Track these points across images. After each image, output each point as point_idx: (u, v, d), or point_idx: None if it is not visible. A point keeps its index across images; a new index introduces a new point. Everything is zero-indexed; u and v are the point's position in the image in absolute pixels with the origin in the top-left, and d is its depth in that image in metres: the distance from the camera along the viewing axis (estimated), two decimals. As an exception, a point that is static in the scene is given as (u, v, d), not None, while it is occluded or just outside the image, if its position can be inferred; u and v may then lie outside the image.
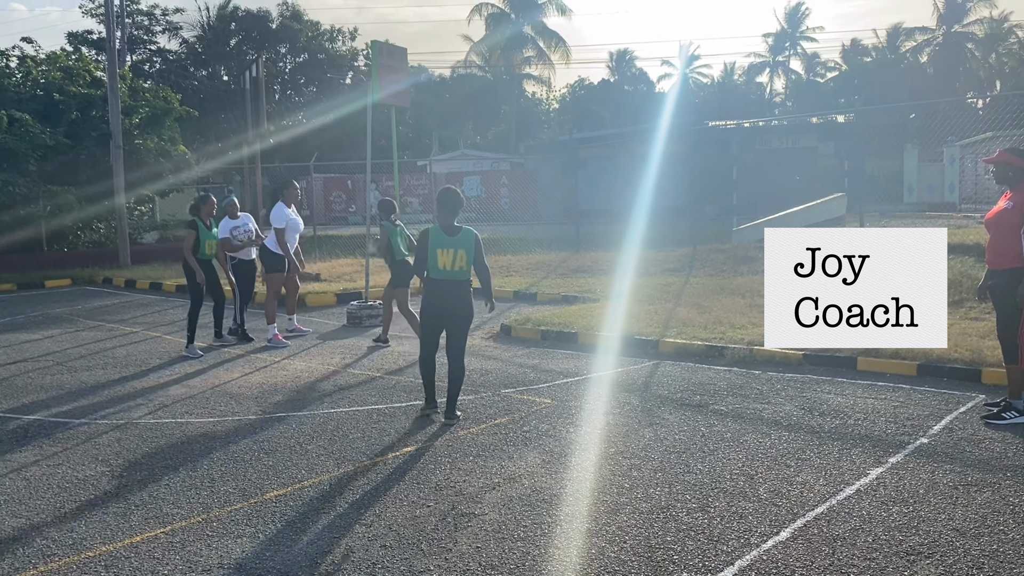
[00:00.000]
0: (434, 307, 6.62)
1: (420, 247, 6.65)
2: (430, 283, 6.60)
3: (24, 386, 8.23)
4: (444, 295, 6.56)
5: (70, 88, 20.66)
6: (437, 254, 6.53)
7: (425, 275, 6.66)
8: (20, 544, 4.44)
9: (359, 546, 4.31)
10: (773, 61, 65.98)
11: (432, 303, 6.61)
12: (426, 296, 6.65)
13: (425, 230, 6.69)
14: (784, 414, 6.55)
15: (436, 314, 6.63)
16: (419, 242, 6.67)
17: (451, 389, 6.65)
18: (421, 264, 6.63)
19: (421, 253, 6.62)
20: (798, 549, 4.15)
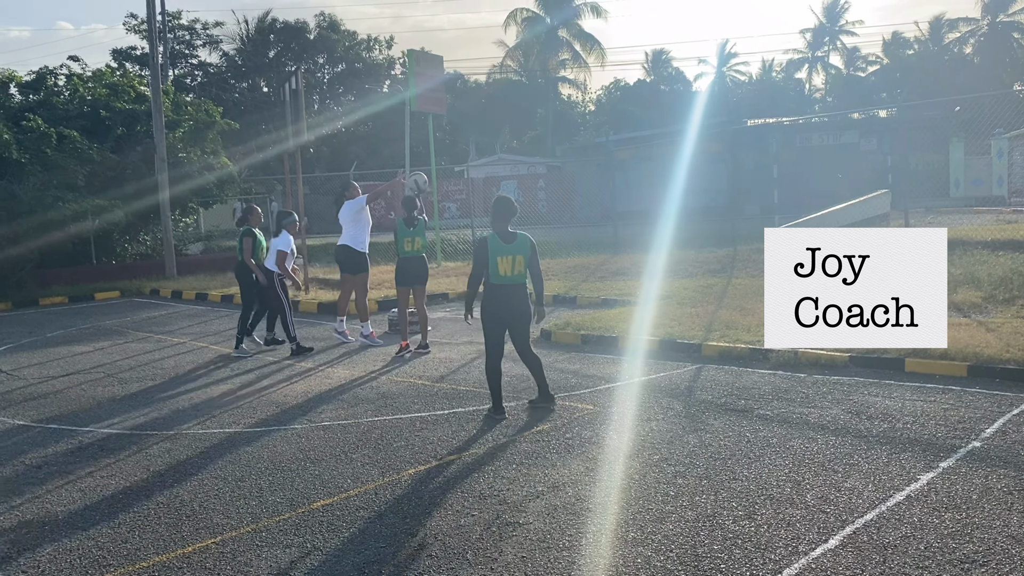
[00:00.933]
0: (498, 312, 6.89)
1: (479, 256, 6.85)
2: (492, 289, 6.85)
3: (77, 398, 8.44)
4: (506, 300, 6.87)
5: (116, 104, 21.15)
6: (497, 262, 6.77)
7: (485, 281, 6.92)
8: (76, 555, 4.55)
9: (405, 556, 4.34)
10: (812, 57, 65.09)
11: (495, 309, 6.89)
12: (488, 302, 6.89)
13: (483, 239, 6.90)
14: (831, 418, 6.46)
15: (499, 319, 6.91)
16: (478, 251, 6.87)
17: (538, 378, 7.04)
18: (481, 272, 6.84)
19: (481, 262, 6.83)
20: (848, 557, 4.09)
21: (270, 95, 44.93)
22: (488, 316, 6.93)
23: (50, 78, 22.00)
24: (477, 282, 6.95)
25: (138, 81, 23.45)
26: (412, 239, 10.05)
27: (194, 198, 22.82)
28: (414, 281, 10.16)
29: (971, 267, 12.22)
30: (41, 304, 17.29)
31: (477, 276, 6.91)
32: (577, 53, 55.82)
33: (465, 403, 7.44)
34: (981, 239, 14.50)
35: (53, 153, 18.57)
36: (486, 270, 6.82)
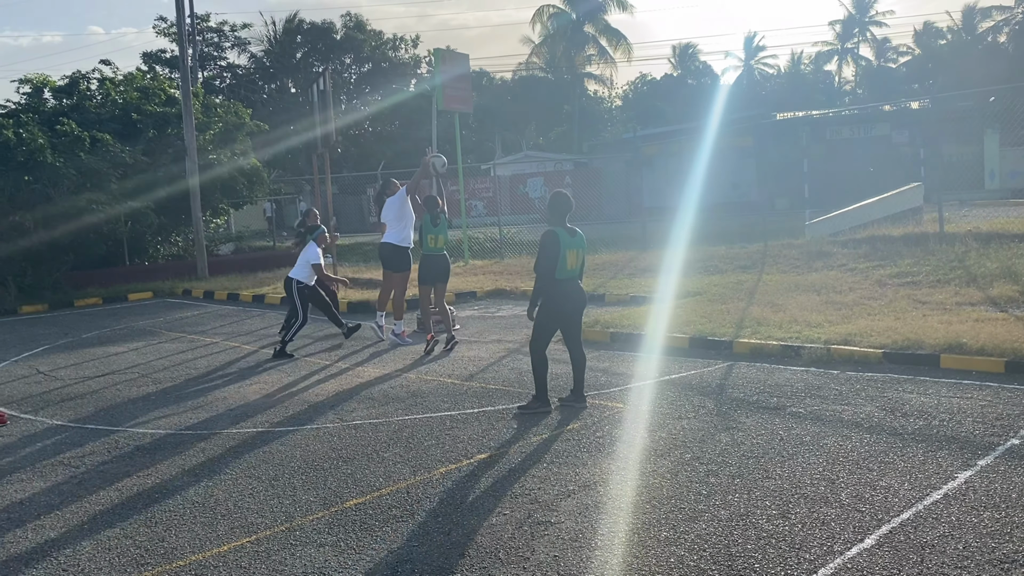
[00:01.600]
0: (563, 308, 6.91)
1: (552, 250, 6.75)
2: (559, 284, 6.81)
3: (113, 398, 8.57)
4: (572, 295, 6.93)
5: (147, 107, 21.42)
6: (567, 255, 6.78)
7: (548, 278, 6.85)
8: (116, 554, 4.62)
9: (438, 554, 4.36)
10: (841, 48, 64.38)
11: (562, 304, 6.89)
12: (555, 297, 6.85)
13: (552, 232, 6.82)
14: (865, 415, 6.38)
15: (564, 314, 6.94)
16: (550, 245, 6.76)
17: (580, 375, 7.09)
18: (553, 266, 6.75)
19: (552, 256, 6.75)
20: (884, 557, 4.04)
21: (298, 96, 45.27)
22: (553, 311, 6.89)
23: (82, 82, 22.32)
24: (551, 277, 6.80)
25: (168, 84, 23.74)
26: (436, 236, 10.14)
27: (224, 199, 23.07)
28: (437, 279, 10.23)
29: (1008, 261, 12.01)
30: (76, 305, 17.57)
31: (551, 270, 6.79)
32: (603, 48, 55.59)
33: (495, 402, 7.45)
34: (1018, 232, 14.25)
35: (86, 156, 18.85)
36: (556, 264, 6.75)
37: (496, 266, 18.22)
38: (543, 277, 6.84)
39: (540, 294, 6.91)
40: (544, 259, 6.79)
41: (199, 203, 20.66)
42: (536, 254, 6.96)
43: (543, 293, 6.89)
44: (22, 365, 10.81)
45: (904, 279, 11.96)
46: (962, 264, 12.23)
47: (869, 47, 64.37)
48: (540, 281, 6.88)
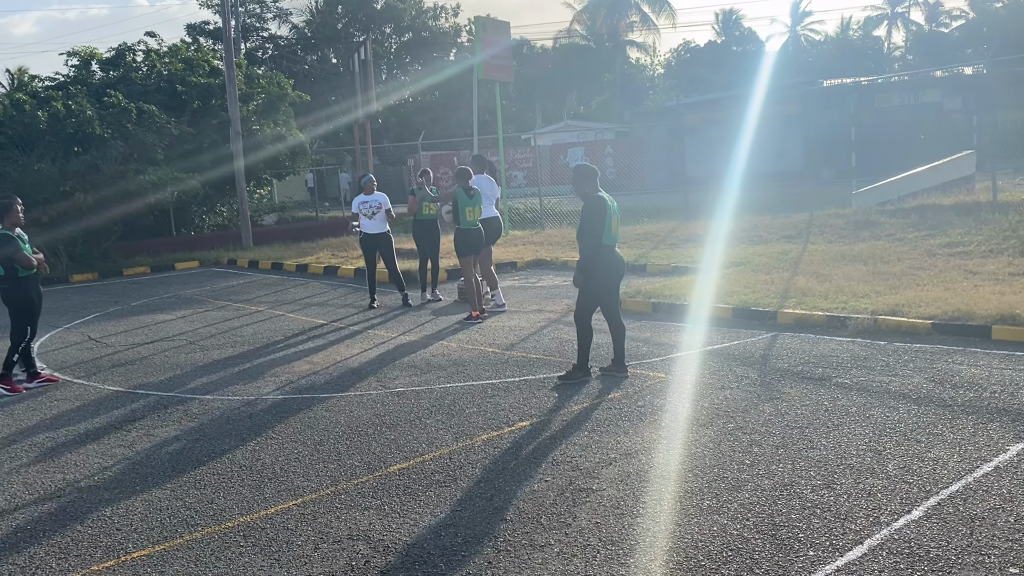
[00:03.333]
0: (611, 274, 6.91)
1: (599, 215, 6.72)
2: (606, 251, 6.80)
3: (162, 364, 8.76)
4: (617, 260, 6.99)
5: (191, 79, 21.61)
6: (612, 221, 6.81)
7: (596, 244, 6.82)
8: (167, 514, 4.74)
9: (481, 519, 4.40)
10: (892, 13, 62.52)
11: (611, 270, 6.90)
12: (603, 264, 6.82)
13: (600, 198, 6.80)
14: (913, 386, 6.27)
15: (611, 280, 6.96)
16: (598, 210, 6.73)
17: (621, 345, 7.06)
18: (600, 232, 6.72)
19: (599, 222, 6.71)
20: (932, 529, 3.99)
21: (339, 66, 45.36)
22: (601, 278, 6.86)
23: (128, 54, 22.58)
24: (599, 242, 6.74)
25: (212, 55, 23.90)
26: (473, 208, 10.18)
27: (267, 170, 23.26)
28: (473, 250, 10.25)
29: (1064, 230, 11.66)
30: (125, 274, 17.94)
31: (599, 235, 6.72)
32: (646, 15, 54.78)
33: (536, 371, 7.46)
34: (1075, 201, 13.81)
35: (133, 127, 19.11)
36: (604, 230, 6.73)
37: (536, 236, 18.18)
38: (593, 243, 6.76)
39: (590, 260, 6.82)
40: (594, 224, 6.75)
41: (243, 174, 20.88)
42: (578, 223, 6.94)
43: (593, 259, 6.81)
44: (74, 332, 11.08)
45: (955, 249, 11.68)
46: (1016, 234, 11.90)
47: (920, 11, 62.45)
48: (589, 247, 6.79)
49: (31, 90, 20.61)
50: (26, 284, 7.87)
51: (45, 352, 9.75)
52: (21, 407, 7.36)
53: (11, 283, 7.82)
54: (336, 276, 15.31)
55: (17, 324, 7.90)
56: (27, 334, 7.93)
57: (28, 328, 7.93)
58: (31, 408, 7.30)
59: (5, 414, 7.16)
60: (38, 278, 8.06)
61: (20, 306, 7.86)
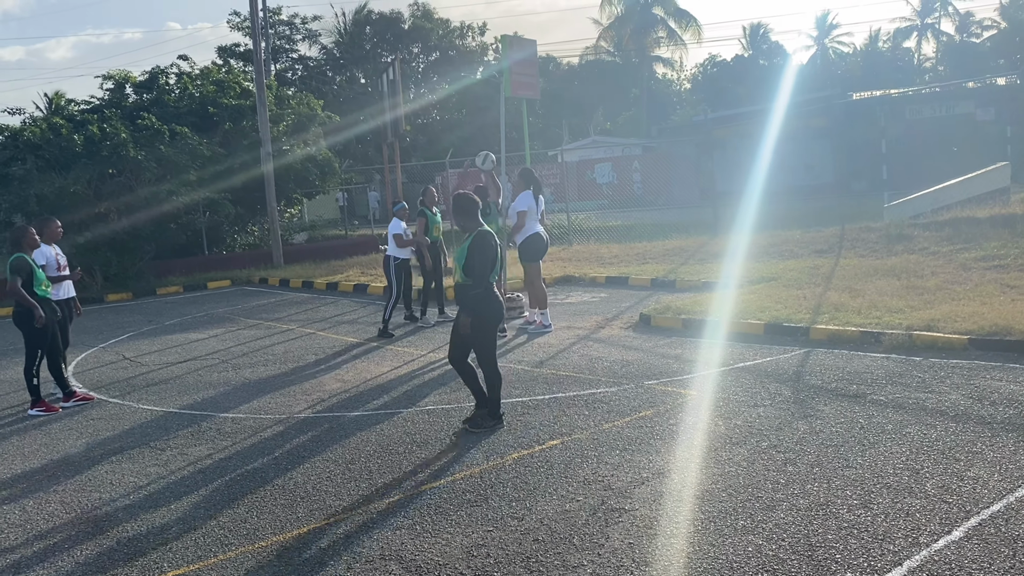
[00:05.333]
0: (499, 313, 6.39)
1: (492, 252, 6.24)
2: (490, 288, 6.25)
3: (195, 383, 8.85)
4: (499, 299, 6.41)
5: (222, 101, 21.96)
6: (498, 260, 6.38)
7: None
8: (201, 533, 4.78)
9: (512, 539, 4.38)
10: (921, 24, 61.98)
11: (499, 309, 6.36)
12: (492, 303, 6.26)
13: (488, 233, 6.31)
14: (950, 403, 6.16)
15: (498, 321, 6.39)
16: (489, 246, 6.23)
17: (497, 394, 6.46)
18: (488, 270, 6.23)
19: (492, 258, 6.25)
20: (973, 550, 3.90)
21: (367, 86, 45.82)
22: (494, 318, 6.30)
23: (161, 77, 23.01)
24: (487, 280, 6.22)
25: (242, 77, 24.30)
26: (490, 225, 10.20)
27: (298, 189, 23.54)
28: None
29: (1103, 242, 11.44)
30: (158, 293, 18.18)
31: (487, 273, 6.21)
32: (672, 30, 54.77)
33: (565, 388, 7.44)
34: (1114, 212, 13.54)
35: (166, 149, 19.44)
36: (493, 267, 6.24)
37: (564, 253, 18.17)
38: (480, 280, 6.17)
39: (480, 300, 6.18)
40: (484, 261, 6.17)
41: (274, 193, 21.13)
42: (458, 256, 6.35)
43: (482, 299, 6.20)
44: (109, 351, 11.24)
45: (990, 263, 11.49)
46: (1054, 246, 11.69)
47: (951, 22, 61.85)
48: (479, 286, 6.17)
49: (67, 114, 21.06)
50: (41, 306, 7.93)
51: (81, 371, 9.90)
52: (57, 426, 7.47)
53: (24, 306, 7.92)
54: (366, 294, 15.40)
55: (29, 347, 7.99)
56: (39, 357, 8.02)
57: (39, 351, 8.02)
58: (67, 427, 7.41)
59: (43, 433, 7.27)
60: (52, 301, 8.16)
61: (32, 329, 7.89)
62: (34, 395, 8.02)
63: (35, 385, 8.00)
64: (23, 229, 8.07)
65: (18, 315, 7.93)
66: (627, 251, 17.29)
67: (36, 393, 8.02)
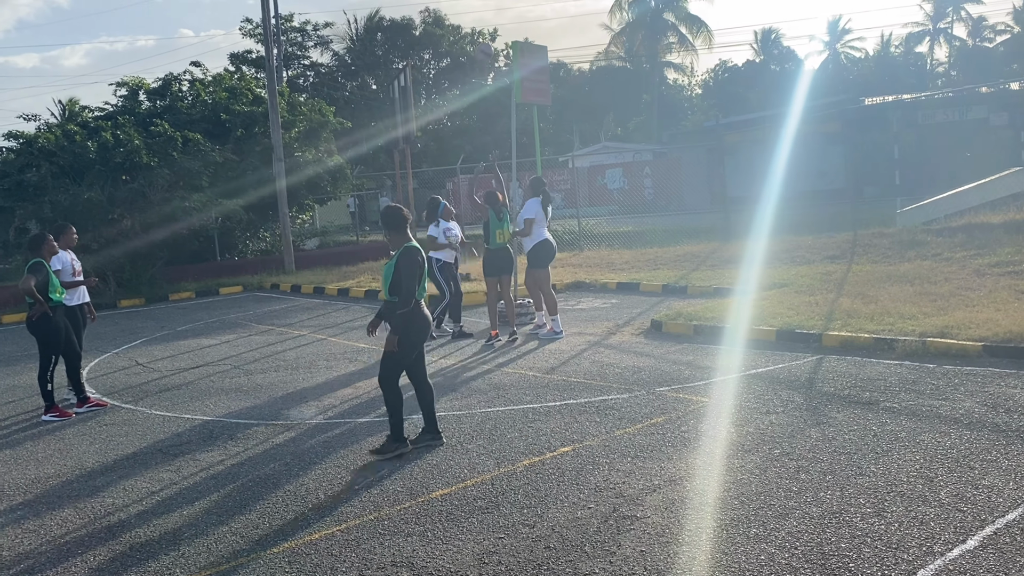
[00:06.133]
0: (424, 333, 6.19)
1: (420, 268, 6.01)
2: (418, 306, 6.05)
3: (207, 389, 8.88)
4: (426, 317, 6.19)
5: (234, 107, 22.08)
6: (425, 277, 6.16)
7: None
8: (213, 539, 4.79)
9: (524, 546, 4.37)
10: (934, 29, 61.74)
11: (424, 328, 6.16)
12: (417, 321, 6.04)
13: (415, 249, 6.04)
14: (964, 411, 6.12)
15: (422, 339, 6.20)
16: (417, 263, 5.98)
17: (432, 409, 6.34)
18: (415, 288, 5.98)
19: (418, 275, 6.00)
20: (989, 559, 3.87)
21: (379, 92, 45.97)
22: (416, 338, 6.07)
23: (174, 84, 23.14)
24: (413, 298, 5.98)
25: (255, 84, 24.40)
26: (503, 230, 10.28)
27: (309, 195, 23.62)
28: (502, 271, 10.35)
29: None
30: (171, 299, 18.27)
31: (414, 290, 5.96)
32: (683, 36, 54.76)
33: (577, 395, 7.43)
34: None
35: (179, 156, 19.55)
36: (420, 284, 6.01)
37: (575, 258, 18.17)
38: (408, 299, 5.94)
39: (407, 318, 5.95)
40: (411, 277, 5.93)
41: (286, 200, 21.21)
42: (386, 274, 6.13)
43: (409, 317, 5.97)
44: (122, 356, 11.30)
45: (1005, 268, 11.42)
46: (1069, 252, 11.61)
47: (964, 26, 61.60)
48: (407, 304, 5.94)
49: (81, 120, 21.21)
50: (54, 312, 7.98)
51: (94, 377, 9.95)
52: (71, 432, 7.51)
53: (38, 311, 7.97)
54: (377, 300, 15.43)
55: (43, 353, 8.05)
56: (52, 363, 8.08)
57: (53, 357, 8.08)
58: (80, 433, 7.45)
59: (56, 439, 7.31)
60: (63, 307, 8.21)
61: (46, 335, 7.97)
62: (48, 400, 8.07)
63: (49, 391, 8.05)
64: (42, 236, 8.18)
65: (32, 321, 7.99)
66: (638, 257, 17.27)
67: (50, 399, 8.07)
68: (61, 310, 8.15)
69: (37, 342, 8.06)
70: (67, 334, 8.16)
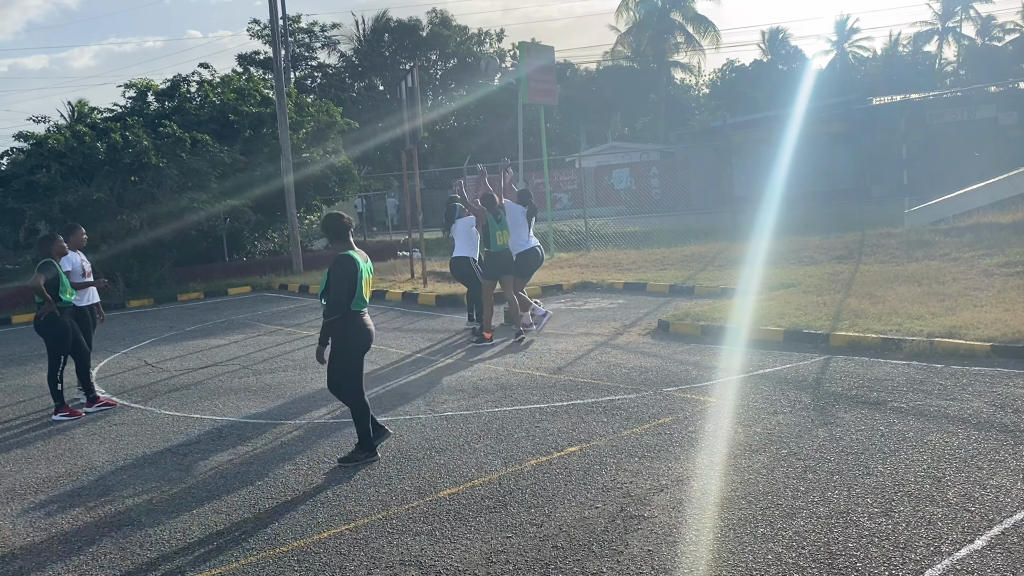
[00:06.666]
0: (367, 341, 6.05)
1: (351, 276, 5.82)
2: (356, 316, 5.91)
3: (216, 389, 8.92)
4: (366, 329, 6.05)
5: (242, 108, 22.15)
6: (363, 284, 5.94)
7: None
8: (223, 539, 4.82)
9: (531, 546, 4.39)
10: (942, 28, 61.52)
11: (366, 337, 6.03)
12: (357, 331, 5.95)
13: (348, 256, 5.89)
14: (972, 411, 6.11)
15: (362, 351, 6.05)
16: (347, 270, 5.82)
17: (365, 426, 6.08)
18: (350, 296, 5.84)
19: (351, 283, 5.83)
20: (996, 559, 3.88)
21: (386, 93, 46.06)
22: (358, 347, 5.95)
23: (183, 85, 23.23)
24: (346, 307, 5.83)
25: (262, 85, 24.47)
26: (502, 232, 10.33)
27: (317, 196, 23.68)
28: (503, 273, 10.40)
29: None
30: (179, 300, 18.34)
31: (345, 300, 5.81)
32: (690, 36, 54.72)
33: (584, 395, 7.44)
34: None
35: (188, 157, 19.63)
36: (355, 293, 5.85)
37: (582, 259, 18.18)
38: (340, 308, 5.82)
39: (336, 328, 5.86)
40: (342, 286, 5.80)
41: (293, 200, 21.28)
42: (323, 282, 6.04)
43: (339, 327, 5.87)
44: (131, 357, 11.36)
45: (1013, 268, 11.39)
46: (1078, 252, 11.57)
47: (972, 25, 61.35)
48: (335, 313, 5.83)
49: (90, 122, 21.30)
50: (62, 312, 8.03)
51: (103, 377, 10.01)
52: (81, 431, 7.56)
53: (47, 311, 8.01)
54: (384, 300, 15.47)
55: (51, 354, 8.10)
56: (61, 363, 8.13)
57: (62, 357, 8.13)
58: (90, 433, 7.50)
59: (67, 438, 7.36)
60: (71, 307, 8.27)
61: (55, 336, 8.03)
62: (58, 400, 8.12)
63: (59, 391, 8.11)
64: (52, 237, 8.25)
65: (40, 322, 8.05)
66: (645, 257, 17.27)
67: (60, 399, 8.12)
68: (69, 311, 8.20)
69: (45, 343, 8.12)
70: (75, 334, 8.22)
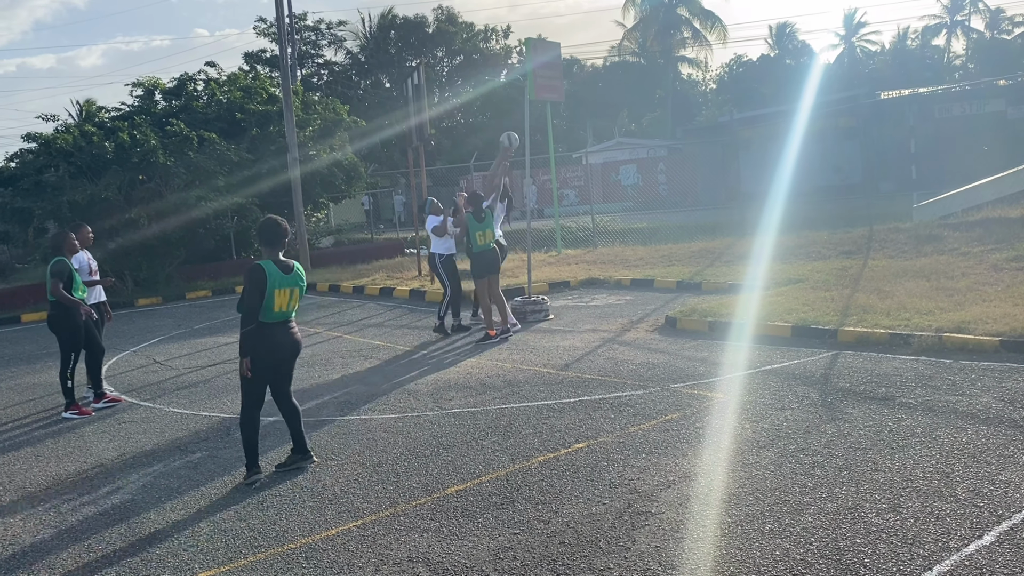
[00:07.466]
0: (273, 356, 5.81)
1: (258, 286, 5.61)
2: (266, 329, 5.70)
3: (224, 386, 8.95)
4: (281, 340, 5.84)
5: (249, 106, 22.19)
6: (275, 295, 5.69)
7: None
8: (231, 535, 4.84)
9: (539, 542, 4.39)
10: (951, 21, 61.22)
11: (270, 352, 5.78)
12: (260, 345, 5.70)
13: (259, 266, 5.68)
14: (981, 406, 6.09)
15: (272, 365, 5.82)
16: (255, 280, 5.62)
17: (298, 428, 6.06)
18: (258, 306, 5.64)
19: (258, 293, 5.62)
20: (1005, 555, 3.86)
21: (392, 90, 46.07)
22: (260, 362, 5.71)
23: (190, 84, 23.29)
24: (255, 318, 5.63)
25: (269, 83, 24.52)
26: (483, 232, 10.37)
27: (324, 193, 23.73)
28: (489, 272, 10.48)
29: None
30: (188, 298, 18.41)
31: (255, 310, 5.61)
32: (697, 31, 54.58)
33: (591, 391, 7.44)
34: None
35: (195, 155, 19.69)
36: (261, 304, 5.64)
37: (589, 255, 18.16)
38: (247, 319, 5.65)
39: (249, 338, 5.67)
40: (251, 297, 5.62)
41: (300, 198, 21.31)
42: None
43: (249, 338, 5.67)
44: (140, 355, 11.40)
45: (1022, 263, 11.33)
46: (1088, 246, 11.50)
47: (981, 19, 61.07)
48: (247, 324, 5.67)
49: (98, 121, 21.39)
50: (74, 311, 8.08)
51: (113, 375, 10.05)
52: (90, 429, 7.60)
53: (59, 309, 8.05)
54: (392, 297, 15.50)
55: (64, 351, 8.14)
56: (73, 360, 8.16)
57: (74, 355, 8.16)
58: (100, 431, 7.53)
59: (76, 436, 7.40)
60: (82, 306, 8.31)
61: (67, 333, 8.07)
62: (68, 398, 8.17)
63: (69, 388, 8.15)
64: (63, 235, 8.28)
65: (53, 319, 8.09)
66: (652, 253, 17.25)
67: (70, 396, 8.16)
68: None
69: (58, 340, 8.16)
70: (88, 331, 8.26)
